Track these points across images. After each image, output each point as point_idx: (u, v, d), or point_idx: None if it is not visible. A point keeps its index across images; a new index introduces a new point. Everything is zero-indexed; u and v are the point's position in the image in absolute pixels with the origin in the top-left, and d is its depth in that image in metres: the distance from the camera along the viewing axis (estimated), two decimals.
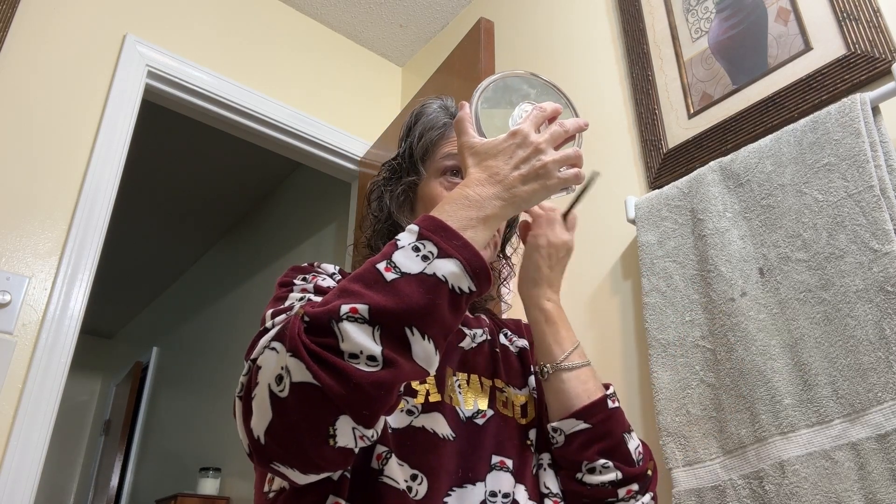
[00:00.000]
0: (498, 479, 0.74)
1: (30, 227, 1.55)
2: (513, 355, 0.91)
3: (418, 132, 0.93)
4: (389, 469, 0.68)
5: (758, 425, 1.01)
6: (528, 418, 0.83)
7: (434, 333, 0.57)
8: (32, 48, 1.68)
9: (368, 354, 0.54)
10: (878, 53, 1.10)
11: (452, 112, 0.94)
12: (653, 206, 1.30)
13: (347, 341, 0.54)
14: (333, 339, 0.54)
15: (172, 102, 1.99)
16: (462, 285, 0.58)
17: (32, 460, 1.38)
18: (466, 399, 0.79)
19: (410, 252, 0.58)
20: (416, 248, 0.59)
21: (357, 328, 0.54)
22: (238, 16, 2.18)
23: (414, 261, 0.58)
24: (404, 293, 0.56)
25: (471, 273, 0.59)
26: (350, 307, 0.55)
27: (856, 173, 1.00)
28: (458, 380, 0.81)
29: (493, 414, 0.79)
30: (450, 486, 0.71)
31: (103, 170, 1.67)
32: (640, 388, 1.30)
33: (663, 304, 1.21)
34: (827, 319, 0.99)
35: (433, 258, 0.58)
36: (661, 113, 1.45)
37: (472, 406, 0.79)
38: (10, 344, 1.44)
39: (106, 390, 5.17)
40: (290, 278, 0.78)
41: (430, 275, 0.57)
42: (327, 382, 0.53)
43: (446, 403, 0.77)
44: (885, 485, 0.86)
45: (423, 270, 0.57)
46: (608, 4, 1.69)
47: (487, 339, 0.89)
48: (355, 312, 0.54)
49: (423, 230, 0.60)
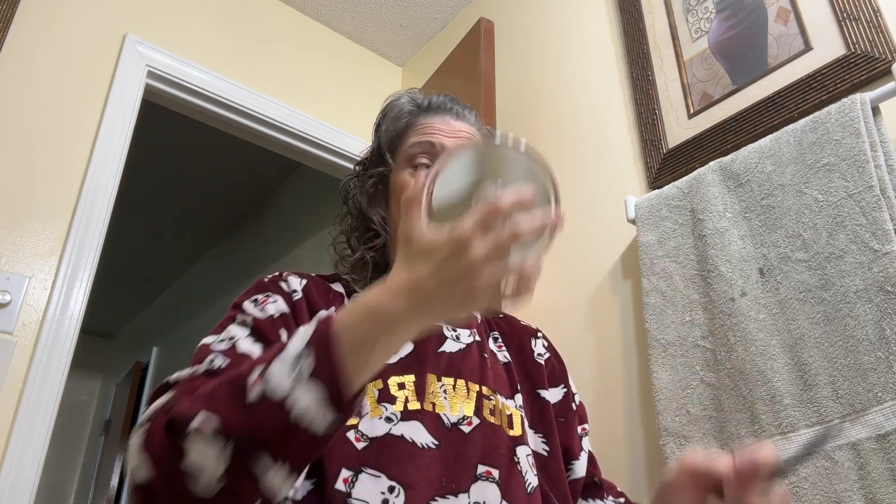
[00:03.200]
0: (483, 490, 0.71)
1: (30, 227, 1.55)
2: (499, 365, 0.87)
3: (385, 125, 0.94)
4: (359, 490, 0.66)
5: (758, 425, 1.01)
6: (514, 431, 0.80)
7: (289, 459, 0.52)
8: (32, 48, 1.68)
9: (210, 475, 0.51)
10: (878, 53, 1.10)
11: (419, 102, 0.94)
12: (653, 206, 1.30)
13: (190, 457, 0.51)
14: (181, 450, 0.52)
15: (172, 102, 1.99)
16: (317, 425, 0.51)
17: (32, 460, 1.38)
18: (452, 405, 0.76)
19: (290, 363, 0.52)
20: (297, 357, 0.52)
21: (204, 446, 0.51)
22: (238, 16, 2.18)
23: (285, 378, 0.51)
24: (260, 418, 0.51)
25: (335, 406, 0.51)
26: (202, 420, 0.51)
27: (856, 173, 1.00)
28: (444, 385, 0.78)
29: (479, 422, 0.76)
30: (431, 496, 0.68)
31: (103, 170, 1.67)
32: (640, 388, 1.30)
33: (663, 304, 1.21)
34: (827, 319, 0.99)
35: (303, 379, 0.51)
36: (661, 113, 1.45)
37: (458, 412, 0.76)
38: (10, 344, 1.44)
39: (106, 390, 5.17)
40: (243, 300, 0.76)
41: (289, 409, 0.50)
42: (161, 493, 0.53)
43: (427, 411, 0.74)
44: (885, 485, 0.86)
45: (286, 398, 0.51)
46: (608, 4, 1.69)
47: (476, 340, 0.86)
48: (205, 429, 0.51)
49: (313, 336, 0.52)
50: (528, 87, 1.87)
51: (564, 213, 0.56)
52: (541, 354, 0.94)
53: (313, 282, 0.84)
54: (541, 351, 0.95)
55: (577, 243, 1.54)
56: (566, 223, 1.71)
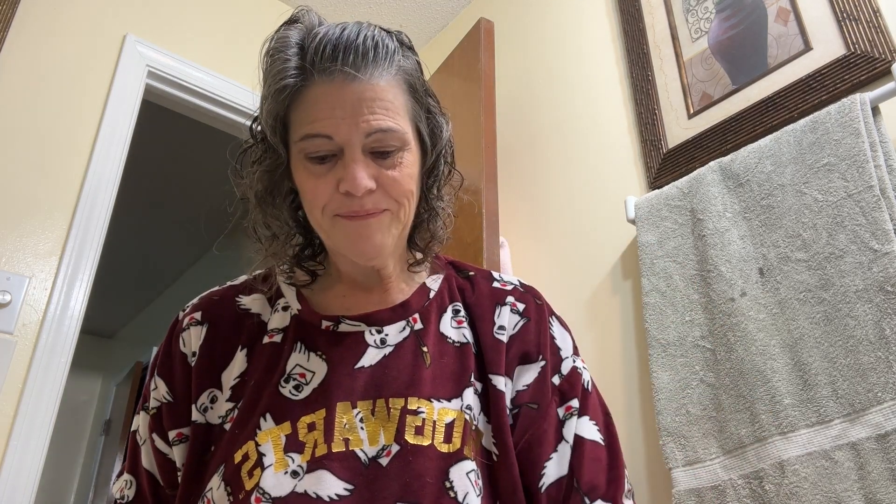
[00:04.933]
0: None
1: (30, 227, 1.55)
2: (448, 355, 0.70)
3: (267, 100, 0.67)
4: None
5: (758, 425, 1.01)
6: (453, 444, 0.63)
7: None
8: (33, 48, 1.68)
9: None
10: (878, 53, 1.10)
11: (305, 49, 0.65)
12: (653, 207, 1.30)
13: None
14: None
15: (172, 102, 1.99)
16: None
17: (32, 460, 1.38)
18: (371, 435, 0.63)
19: None
20: None
21: None
22: (239, 16, 2.18)
23: None
24: None
25: None
26: None
27: (856, 173, 1.00)
28: (360, 412, 0.64)
29: (399, 448, 0.62)
30: None
31: (103, 170, 1.67)
32: (640, 388, 1.30)
33: (663, 304, 1.21)
34: (827, 319, 0.99)
35: None
36: (660, 113, 1.45)
37: (378, 442, 0.63)
38: (10, 344, 1.44)
39: (106, 390, 5.16)
40: (146, 384, 0.76)
41: None
42: None
43: (336, 452, 0.62)
44: (884, 485, 0.86)
45: None
46: (608, 4, 1.69)
47: (413, 331, 0.71)
48: None
49: None
50: (528, 87, 1.87)
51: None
52: (503, 328, 0.73)
53: (220, 315, 0.74)
54: (504, 322, 0.73)
55: (577, 243, 1.54)
56: (566, 223, 1.71)
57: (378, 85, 0.64)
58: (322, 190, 0.65)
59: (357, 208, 0.65)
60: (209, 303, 0.77)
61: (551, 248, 1.60)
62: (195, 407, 0.70)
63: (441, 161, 0.74)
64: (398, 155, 0.66)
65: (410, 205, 0.69)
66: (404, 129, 0.66)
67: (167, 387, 0.73)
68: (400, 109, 0.66)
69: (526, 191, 1.74)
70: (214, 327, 0.73)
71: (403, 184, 0.66)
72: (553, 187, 1.66)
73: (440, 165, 0.74)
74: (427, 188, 0.74)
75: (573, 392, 0.72)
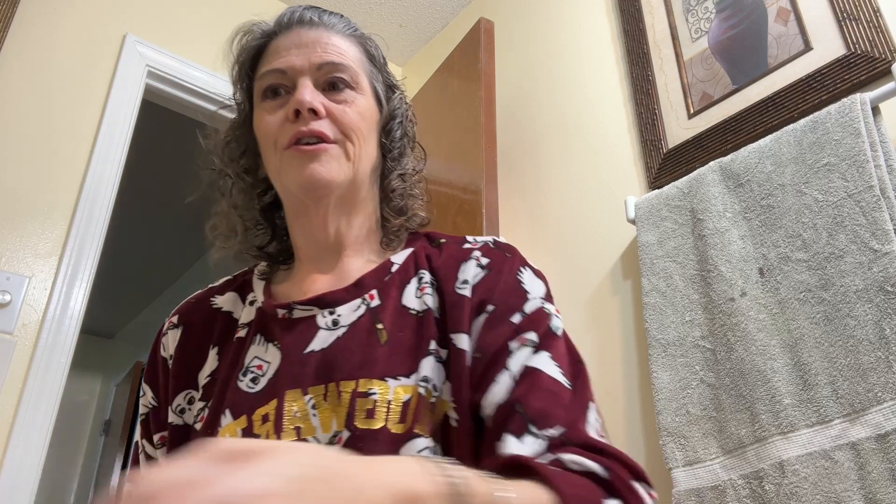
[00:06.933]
0: None
1: (30, 227, 1.55)
2: (410, 324, 0.64)
3: (235, 56, 0.76)
4: None
5: (758, 425, 1.01)
6: (405, 424, 0.58)
7: None
8: (32, 48, 1.68)
9: None
10: (878, 53, 1.10)
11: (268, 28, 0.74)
12: (653, 207, 1.30)
13: None
14: None
15: (172, 102, 1.99)
16: None
17: (32, 460, 1.38)
18: (324, 422, 0.60)
19: None
20: None
21: None
22: (239, 16, 2.17)
23: None
24: None
25: None
26: None
27: (856, 173, 1.00)
28: (311, 399, 0.61)
29: (349, 435, 0.58)
30: None
31: (103, 170, 1.67)
32: (640, 388, 1.30)
33: (663, 304, 1.21)
34: (827, 319, 0.99)
35: None
36: (661, 113, 1.45)
37: (330, 429, 0.60)
38: (10, 344, 1.44)
39: (106, 390, 5.16)
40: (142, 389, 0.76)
41: None
42: None
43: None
44: (884, 485, 0.86)
45: None
46: (608, 4, 1.69)
47: (368, 308, 0.66)
48: None
49: None
50: (528, 87, 1.87)
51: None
52: (465, 282, 0.65)
53: (195, 316, 0.75)
54: (468, 276, 0.65)
55: (578, 243, 1.54)
56: (566, 223, 1.70)
57: (335, 36, 0.71)
58: (273, 122, 0.68)
59: (304, 130, 0.66)
60: (186, 306, 0.78)
61: (551, 248, 1.60)
62: (171, 409, 0.71)
63: (397, 123, 0.74)
64: (349, 93, 0.69)
65: (360, 145, 0.69)
66: (356, 70, 0.70)
67: (152, 392, 0.74)
68: (355, 60, 0.71)
69: (526, 191, 1.74)
70: (189, 329, 0.74)
71: (352, 118, 0.68)
72: (553, 187, 1.66)
73: (396, 128, 0.74)
74: (386, 151, 0.74)
75: (532, 327, 0.62)
